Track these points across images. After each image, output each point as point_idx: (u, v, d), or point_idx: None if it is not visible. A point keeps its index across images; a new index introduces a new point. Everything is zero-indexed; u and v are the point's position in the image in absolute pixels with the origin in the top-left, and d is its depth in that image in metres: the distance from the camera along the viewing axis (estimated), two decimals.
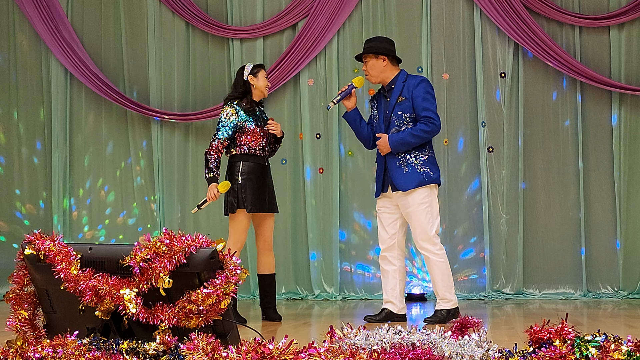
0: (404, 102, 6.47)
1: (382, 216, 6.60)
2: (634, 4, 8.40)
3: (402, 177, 6.42)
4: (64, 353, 3.51)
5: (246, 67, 6.79)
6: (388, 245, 6.56)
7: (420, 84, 6.49)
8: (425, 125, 6.39)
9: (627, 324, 6.32)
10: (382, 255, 6.61)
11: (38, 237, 3.83)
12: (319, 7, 8.69)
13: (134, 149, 9.04)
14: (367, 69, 6.57)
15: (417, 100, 6.44)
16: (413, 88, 6.47)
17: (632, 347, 3.35)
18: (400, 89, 6.50)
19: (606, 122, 8.55)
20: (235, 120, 6.63)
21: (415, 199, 6.40)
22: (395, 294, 6.55)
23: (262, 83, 6.76)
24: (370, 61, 6.55)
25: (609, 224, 8.53)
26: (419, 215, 6.39)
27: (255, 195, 6.65)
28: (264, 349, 3.25)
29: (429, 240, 6.39)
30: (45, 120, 9.10)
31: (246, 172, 6.64)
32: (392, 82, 6.55)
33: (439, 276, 6.44)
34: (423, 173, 6.42)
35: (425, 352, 3.35)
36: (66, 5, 9.09)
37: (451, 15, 8.69)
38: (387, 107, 6.53)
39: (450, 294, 6.46)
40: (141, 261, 3.57)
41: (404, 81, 6.52)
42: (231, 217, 6.67)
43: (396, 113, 6.47)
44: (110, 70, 9.06)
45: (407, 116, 6.45)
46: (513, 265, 8.54)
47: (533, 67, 8.60)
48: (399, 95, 6.49)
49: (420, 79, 6.55)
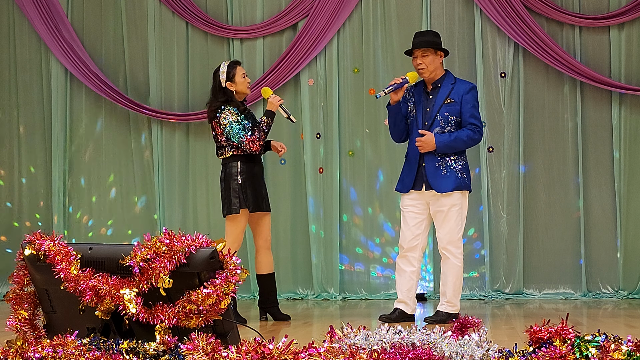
0: (453, 104, 6.47)
1: (407, 215, 6.56)
2: (634, 4, 8.40)
3: (440, 179, 6.43)
4: (64, 353, 3.51)
5: (220, 70, 6.68)
6: (411, 246, 6.54)
7: (472, 91, 6.53)
8: (473, 132, 6.42)
9: (627, 324, 6.32)
10: (403, 254, 6.58)
11: (38, 237, 3.83)
12: (319, 7, 8.69)
13: (134, 148, 9.04)
14: (425, 62, 6.50)
15: (466, 106, 6.46)
16: (464, 93, 6.48)
17: (632, 347, 3.35)
18: (449, 90, 6.49)
19: (606, 122, 8.55)
20: (239, 118, 6.61)
21: (450, 201, 6.42)
22: (410, 295, 6.57)
23: (242, 85, 6.69)
24: (431, 56, 6.50)
25: (609, 224, 8.53)
26: (450, 217, 6.43)
27: (254, 195, 6.65)
28: (264, 349, 3.25)
29: (453, 243, 6.44)
30: (45, 120, 9.09)
31: (245, 172, 6.63)
32: (438, 80, 6.54)
33: (452, 279, 6.47)
34: (461, 178, 6.45)
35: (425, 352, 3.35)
36: (66, 5, 9.08)
37: (451, 15, 8.69)
38: (429, 105, 6.52)
39: (457, 299, 6.50)
40: (141, 261, 3.57)
41: (452, 83, 6.53)
42: (231, 217, 6.66)
43: (442, 114, 6.46)
44: (110, 70, 9.06)
45: (453, 119, 6.45)
46: (513, 265, 8.54)
47: (533, 67, 8.60)
48: (446, 97, 6.48)
49: (472, 86, 6.59)
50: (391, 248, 8.68)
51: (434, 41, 6.54)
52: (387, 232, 8.71)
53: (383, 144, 8.66)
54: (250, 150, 6.59)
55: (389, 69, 8.65)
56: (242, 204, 6.60)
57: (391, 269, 8.63)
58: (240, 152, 6.64)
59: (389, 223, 8.71)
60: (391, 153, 8.62)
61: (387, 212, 8.71)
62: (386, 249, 8.71)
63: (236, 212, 6.59)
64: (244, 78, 6.70)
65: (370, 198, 8.75)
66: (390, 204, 8.68)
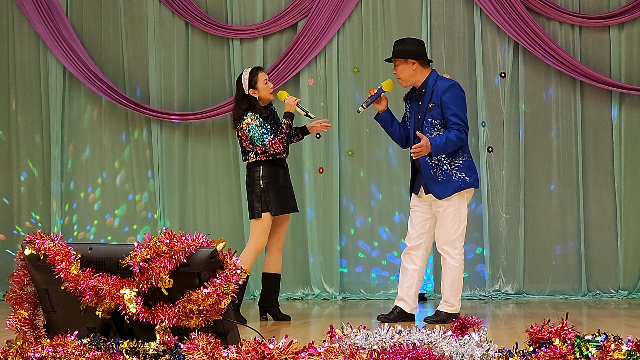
0: (434, 108, 6.45)
1: (413, 214, 6.61)
2: (634, 4, 8.40)
3: (437, 185, 6.44)
4: (64, 353, 3.51)
5: (243, 78, 6.77)
6: (414, 244, 6.58)
7: (450, 90, 6.45)
8: (459, 132, 6.39)
9: (627, 323, 6.32)
10: (407, 252, 6.61)
11: (38, 237, 3.83)
12: (319, 7, 8.69)
13: (134, 148, 9.03)
14: (397, 72, 6.53)
15: (446, 108, 6.42)
16: (442, 94, 6.43)
17: (632, 347, 3.35)
18: (430, 93, 6.47)
19: (606, 121, 8.55)
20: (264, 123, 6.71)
21: (446, 203, 6.44)
22: (410, 293, 6.58)
23: (264, 91, 6.76)
24: (400, 65, 6.50)
25: (609, 224, 8.53)
26: (445, 218, 6.44)
27: (278, 198, 6.75)
28: (264, 348, 3.25)
29: (450, 243, 6.44)
30: (43, 119, 9.08)
31: (267, 176, 6.74)
32: (422, 85, 6.51)
33: (449, 279, 6.48)
34: (459, 179, 6.44)
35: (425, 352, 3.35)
36: (66, 5, 9.08)
37: (451, 15, 8.69)
38: (419, 112, 6.52)
39: (456, 299, 6.49)
40: (141, 261, 3.57)
41: (433, 85, 6.48)
42: (254, 220, 6.77)
43: (427, 120, 6.46)
44: (109, 70, 9.05)
45: (437, 122, 6.45)
46: (513, 265, 8.54)
47: (533, 67, 8.60)
48: (428, 102, 6.46)
49: (450, 84, 6.51)
50: (391, 248, 8.68)
51: (401, 50, 6.50)
52: (387, 232, 8.71)
53: (383, 144, 8.66)
54: (274, 152, 6.69)
55: (389, 69, 8.64)
56: (264, 208, 6.72)
57: (390, 270, 8.63)
58: (263, 157, 6.73)
59: (389, 223, 8.70)
60: (391, 153, 8.62)
61: (386, 212, 8.71)
62: (385, 250, 8.70)
63: (258, 217, 6.73)
64: (266, 84, 6.78)
65: (370, 198, 8.74)
66: (390, 203, 8.68)
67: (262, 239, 6.75)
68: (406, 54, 6.47)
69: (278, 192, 6.75)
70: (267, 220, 6.74)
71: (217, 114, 8.79)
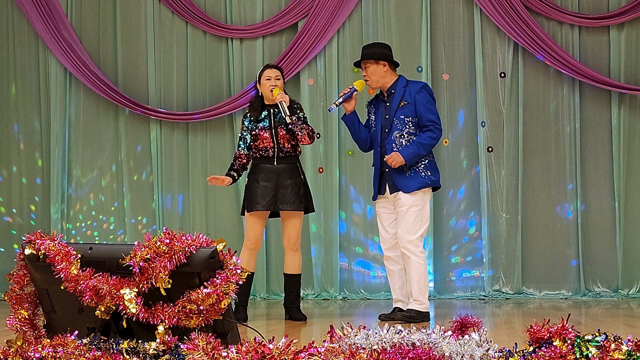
0: (407, 106, 6.58)
1: (382, 217, 6.73)
2: (634, 4, 8.40)
3: (405, 179, 6.55)
4: (64, 353, 3.51)
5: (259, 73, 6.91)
6: (390, 245, 6.69)
7: (423, 90, 6.62)
8: (432, 132, 6.52)
9: (627, 323, 6.33)
10: (386, 255, 6.74)
11: (38, 237, 3.83)
12: (319, 7, 8.69)
13: (133, 148, 9.04)
14: (367, 74, 6.67)
15: (420, 107, 6.56)
16: (415, 93, 6.58)
17: (632, 347, 3.35)
18: (402, 93, 6.61)
19: (606, 121, 8.55)
20: (244, 132, 6.83)
21: (410, 200, 6.51)
22: (404, 292, 6.68)
23: (264, 87, 6.81)
24: (371, 67, 6.65)
25: (608, 224, 8.53)
26: (408, 217, 6.51)
27: (255, 196, 6.75)
28: (264, 348, 3.25)
29: (412, 242, 6.50)
30: (43, 119, 9.09)
31: (251, 174, 6.84)
32: (391, 87, 6.66)
33: (415, 277, 6.53)
34: (425, 176, 6.55)
35: (425, 351, 3.35)
36: (66, 5, 9.08)
37: (451, 15, 8.69)
38: (387, 112, 6.64)
39: (423, 297, 6.54)
40: (141, 261, 3.57)
41: (404, 86, 6.64)
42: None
43: (398, 117, 6.58)
44: (109, 70, 9.06)
45: (409, 120, 6.57)
46: (513, 265, 8.55)
47: (533, 67, 8.60)
48: (400, 100, 6.59)
49: (422, 85, 6.68)
50: None
51: (372, 52, 6.65)
52: None
53: None
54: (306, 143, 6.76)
55: None
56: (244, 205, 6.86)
57: None
58: (254, 156, 6.83)
59: None
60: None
61: None
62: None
63: (242, 214, 6.88)
64: (267, 80, 6.80)
65: (370, 198, 8.74)
66: None
67: (248, 235, 6.82)
68: (377, 56, 6.62)
69: (254, 190, 6.76)
70: (247, 217, 6.81)
71: (217, 114, 8.79)
